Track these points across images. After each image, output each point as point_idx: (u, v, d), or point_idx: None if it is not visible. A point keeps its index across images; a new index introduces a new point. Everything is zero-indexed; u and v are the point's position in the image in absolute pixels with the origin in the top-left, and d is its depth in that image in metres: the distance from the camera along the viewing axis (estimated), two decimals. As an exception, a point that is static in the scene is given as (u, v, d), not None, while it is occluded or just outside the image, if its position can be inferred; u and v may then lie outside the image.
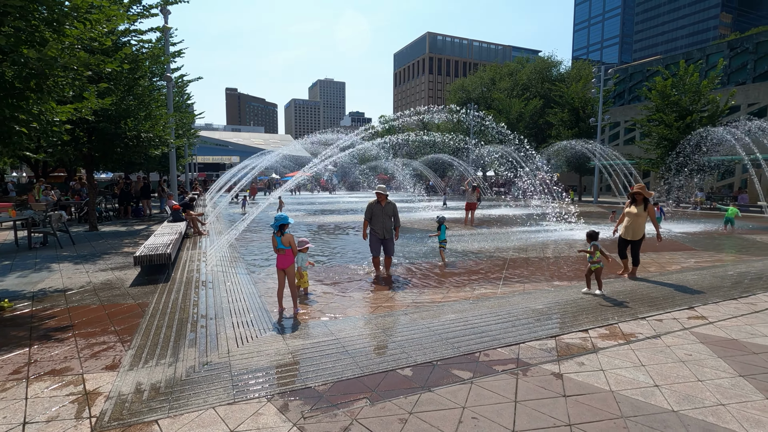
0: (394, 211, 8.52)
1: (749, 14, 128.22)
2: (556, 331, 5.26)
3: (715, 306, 6.37)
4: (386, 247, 8.59)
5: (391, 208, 8.50)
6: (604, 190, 42.36)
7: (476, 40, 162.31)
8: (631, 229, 8.08)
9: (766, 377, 4.01)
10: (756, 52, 38.57)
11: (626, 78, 49.54)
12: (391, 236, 8.54)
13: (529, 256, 10.56)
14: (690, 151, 26.00)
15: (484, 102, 53.79)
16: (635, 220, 8.06)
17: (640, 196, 8.12)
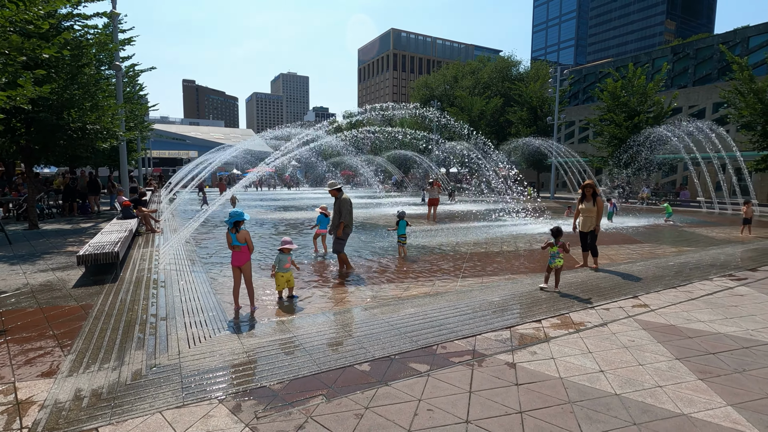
0: (340, 206, 8.18)
1: (691, 22, 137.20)
2: (511, 322, 5.42)
3: (657, 294, 6.77)
4: (333, 245, 8.45)
5: (339, 203, 8.20)
6: (560, 187, 44.13)
7: (439, 38, 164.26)
8: (587, 222, 8.61)
9: (699, 359, 4.31)
10: (696, 58, 41.32)
11: (580, 79, 51.72)
12: (334, 233, 8.30)
13: (489, 251, 10.83)
14: (637, 150, 27.54)
15: (447, 99, 54.60)
16: (588, 213, 8.61)
17: (590, 191, 8.62)
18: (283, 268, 6.24)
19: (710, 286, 7.26)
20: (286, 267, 6.26)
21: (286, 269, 6.26)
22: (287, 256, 6.29)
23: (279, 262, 6.23)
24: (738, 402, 3.43)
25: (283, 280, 6.28)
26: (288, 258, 6.29)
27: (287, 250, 6.27)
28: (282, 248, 6.28)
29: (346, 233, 8.31)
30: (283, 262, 6.23)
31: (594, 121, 33.73)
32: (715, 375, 3.94)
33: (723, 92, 26.94)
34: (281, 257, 6.24)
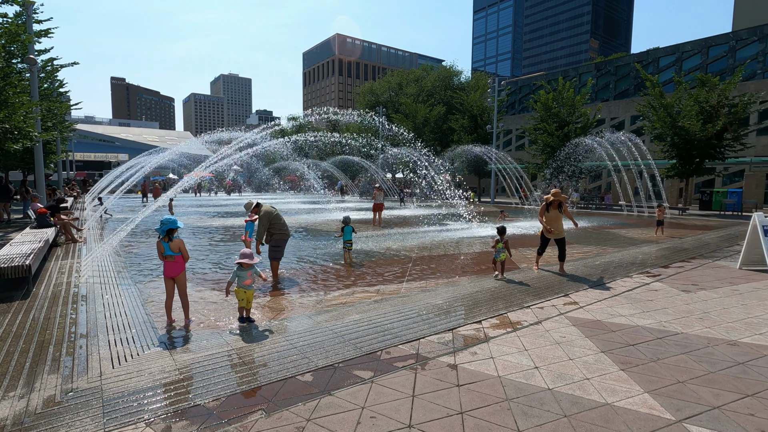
0: (259, 222, 7.93)
1: (611, 42, 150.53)
2: (454, 324, 5.55)
3: (585, 292, 7.27)
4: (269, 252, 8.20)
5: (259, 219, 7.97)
6: (500, 192, 46.29)
7: (384, 45, 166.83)
8: (557, 227, 8.83)
9: (621, 351, 4.66)
10: (616, 74, 45.33)
11: (516, 90, 54.78)
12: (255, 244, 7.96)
13: (433, 254, 11.06)
14: (567, 157, 29.62)
15: (392, 106, 55.41)
16: (556, 220, 8.81)
17: (556, 201, 8.81)
18: (243, 285, 5.42)
19: (630, 283, 7.92)
20: (246, 284, 5.43)
21: (247, 286, 5.43)
22: (247, 272, 5.44)
23: (237, 278, 5.43)
24: (653, 389, 3.75)
25: (245, 297, 5.44)
26: (248, 273, 5.45)
27: (246, 265, 5.44)
28: (239, 262, 5.43)
29: (282, 239, 8.06)
30: (242, 278, 5.42)
31: (529, 130, 35.81)
32: (634, 365, 4.28)
33: (638, 106, 29.77)
34: (239, 273, 5.44)
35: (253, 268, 5.55)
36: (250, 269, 5.48)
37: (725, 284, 7.77)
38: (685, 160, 27.02)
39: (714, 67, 37.44)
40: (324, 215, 22.26)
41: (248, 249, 5.62)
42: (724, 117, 25.18)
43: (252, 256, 5.53)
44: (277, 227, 8.05)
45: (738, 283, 7.83)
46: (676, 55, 40.31)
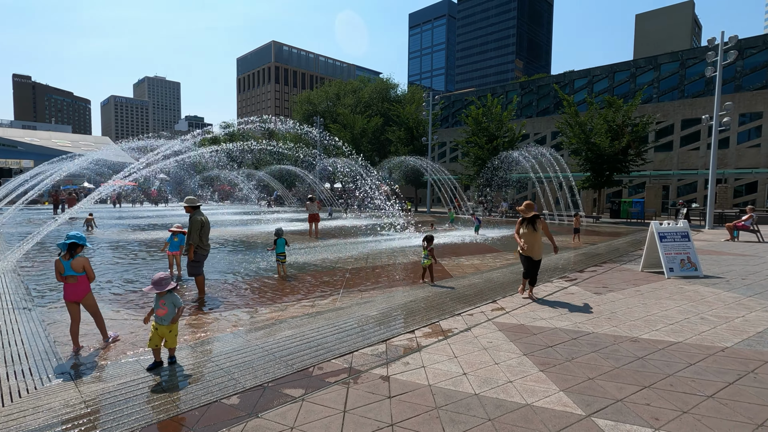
0: (191, 226, 7.47)
1: (534, 62, 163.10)
2: (387, 336, 5.60)
3: (511, 297, 7.70)
4: (187, 268, 7.66)
5: (190, 222, 7.50)
6: (435, 202, 47.82)
7: (322, 55, 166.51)
8: (533, 248, 7.53)
9: (541, 353, 4.99)
10: (538, 93, 49.10)
11: (449, 104, 57.26)
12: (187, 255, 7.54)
13: (369, 265, 11.12)
14: (496, 169, 31.42)
15: (330, 116, 55.31)
16: (532, 238, 7.52)
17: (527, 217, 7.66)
18: (158, 317, 4.43)
19: (551, 288, 8.53)
20: (160, 314, 4.42)
21: (161, 319, 4.42)
22: (160, 300, 4.45)
23: (172, 306, 4.52)
24: (567, 387, 4.05)
25: (157, 334, 4.42)
26: (161, 302, 4.43)
27: (163, 293, 4.42)
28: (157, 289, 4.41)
29: (201, 254, 7.58)
30: (173, 307, 4.49)
31: (461, 143, 37.53)
32: (552, 365, 4.59)
33: (558, 123, 32.45)
34: (174, 299, 4.53)
35: (170, 296, 4.49)
36: (167, 296, 4.47)
37: (630, 286, 8.63)
38: (597, 173, 29.84)
39: (619, 90, 41.99)
40: (257, 227, 21.52)
41: (164, 273, 4.55)
42: (628, 135, 28.23)
43: (168, 281, 4.48)
44: (204, 239, 7.64)
45: (640, 285, 8.73)
46: (587, 78, 44.63)
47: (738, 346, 5.06)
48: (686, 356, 4.78)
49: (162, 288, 4.41)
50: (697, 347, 5.07)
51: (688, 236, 9.87)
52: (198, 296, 7.63)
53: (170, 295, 4.50)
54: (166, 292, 4.46)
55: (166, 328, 4.46)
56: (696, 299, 7.41)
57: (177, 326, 4.58)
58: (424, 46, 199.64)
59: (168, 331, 4.47)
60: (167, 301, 4.48)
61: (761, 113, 33.87)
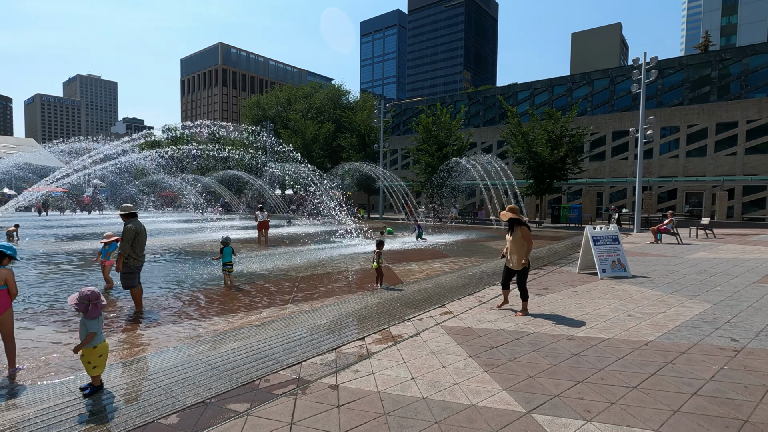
0: (123, 234, 7.03)
1: (481, 74, 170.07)
2: (338, 344, 5.56)
3: (459, 301, 7.93)
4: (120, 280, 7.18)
5: (123, 231, 7.06)
6: (388, 208, 48.27)
7: (272, 59, 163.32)
8: (513, 257, 7.11)
9: (486, 354, 5.17)
10: (484, 104, 51.22)
11: (401, 112, 58.24)
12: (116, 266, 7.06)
13: (320, 272, 11.00)
14: (446, 176, 32.32)
15: (280, 121, 54.32)
16: (513, 247, 7.10)
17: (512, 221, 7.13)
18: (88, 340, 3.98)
19: (496, 291, 8.86)
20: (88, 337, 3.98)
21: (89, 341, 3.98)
22: (94, 321, 4.03)
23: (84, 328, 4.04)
24: (509, 386, 4.23)
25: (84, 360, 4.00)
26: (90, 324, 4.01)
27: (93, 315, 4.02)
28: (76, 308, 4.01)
29: (134, 265, 7.12)
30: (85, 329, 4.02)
31: (412, 151, 38.24)
32: (496, 366, 4.78)
33: (502, 133, 33.98)
34: (85, 322, 4.04)
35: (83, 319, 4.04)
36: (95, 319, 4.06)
37: (567, 287, 9.18)
38: (539, 180, 31.56)
39: (558, 102, 44.81)
40: (203, 235, 20.61)
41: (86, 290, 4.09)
42: (566, 145, 30.14)
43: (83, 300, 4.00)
44: (138, 250, 7.20)
45: (577, 285, 9.32)
46: (529, 90, 47.23)
47: (659, 340, 5.54)
48: (615, 351, 5.16)
49: (78, 308, 4.02)
50: (624, 342, 5.49)
51: (618, 239, 10.68)
52: (135, 310, 7.18)
53: (83, 318, 4.06)
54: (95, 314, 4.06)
55: (92, 352, 4.01)
56: (625, 298, 8.02)
57: (94, 354, 4.00)
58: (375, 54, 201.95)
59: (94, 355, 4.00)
60: (81, 323, 4.07)
61: (678, 127, 37.49)
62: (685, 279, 9.74)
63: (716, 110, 35.97)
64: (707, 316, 6.66)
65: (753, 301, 7.59)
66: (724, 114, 35.61)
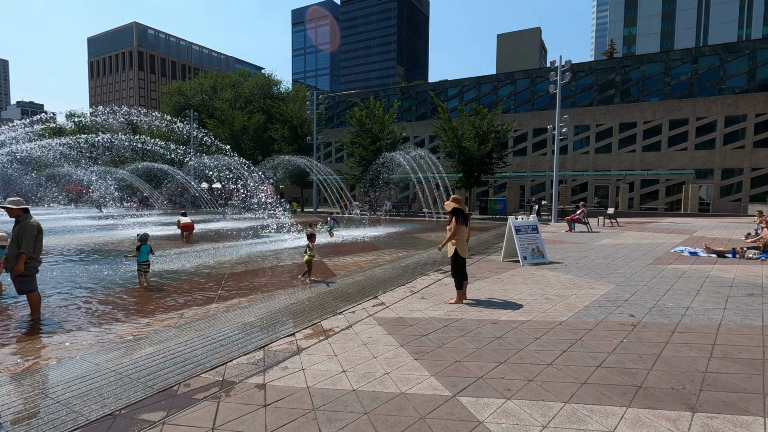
0: (25, 231, 6.16)
1: (414, 70, 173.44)
2: (266, 341, 5.36)
3: (392, 292, 8.02)
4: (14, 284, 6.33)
5: (19, 228, 6.20)
6: (322, 201, 47.64)
7: (196, 44, 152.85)
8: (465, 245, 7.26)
9: (416, 342, 5.28)
10: (417, 99, 52.30)
11: (334, 105, 57.58)
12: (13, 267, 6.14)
13: (250, 269, 10.56)
14: (380, 169, 32.59)
15: (206, 110, 51.16)
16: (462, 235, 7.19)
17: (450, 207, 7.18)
18: None
19: (427, 280, 9.12)
20: None
21: None
22: None
23: None
24: (437, 371, 4.36)
25: None
26: None
27: None
28: None
29: (33, 267, 6.31)
30: None
31: (346, 144, 38.02)
32: (425, 353, 4.90)
33: (434, 128, 34.97)
34: None
35: None
36: None
37: (493, 274, 9.70)
38: (468, 174, 32.98)
39: (485, 100, 47.07)
40: (118, 232, 18.85)
41: None
42: (492, 140, 31.77)
43: None
44: (39, 249, 6.37)
45: (501, 273, 9.87)
46: (459, 87, 49.06)
47: (570, 319, 6.04)
48: (533, 332, 5.54)
49: None
50: (541, 323, 5.91)
51: (537, 229, 11.48)
52: (31, 317, 6.35)
53: None
54: None
55: None
56: (543, 282, 8.64)
57: None
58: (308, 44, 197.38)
59: None
60: None
61: (589, 126, 41.21)
62: (593, 263, 10.74)
63: (619, 111, 40.04)
64: (611, 295, 7.40)
65: (647, 280, 8.57)
66: (626, 115, 39.76)
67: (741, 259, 10.89)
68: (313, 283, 8.76)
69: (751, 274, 8.95)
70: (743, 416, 3.34)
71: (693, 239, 15.40)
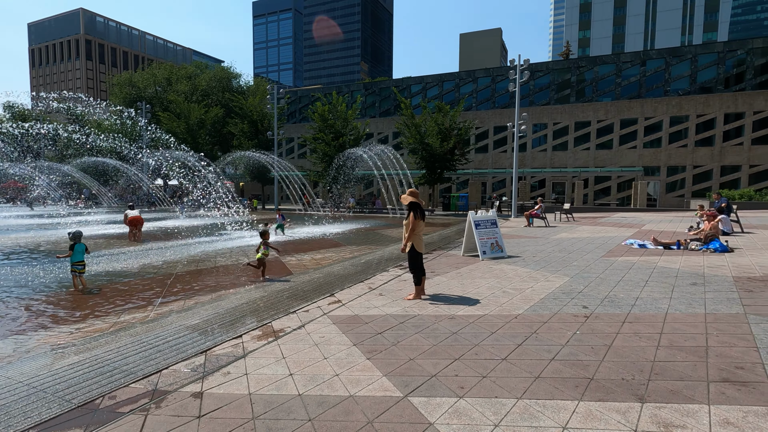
0: None
1: (378, 66, 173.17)
2: (210, 344, 4.98)
3: (349, 289, 7.78)
4: None
5: None
6: (285, 198, 46.59)
7: (150, 34, 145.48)
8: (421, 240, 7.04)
9: (370, 341, 5.07)
10: (380, 95, 52.12)
11: (296, 100, 56.42)
12: None
13: (201, 268, 10.00)
14: (342, 165, 32.17)
15: (159, 103, 48.70)
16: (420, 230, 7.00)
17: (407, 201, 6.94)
18: None
19: (387, 276, 8.93)
20: None
21: None
22: None
23: None
24: (390, 371, 4.16)
25: None
26: None
27: None
28: None
29: None
30: None
31: (308, 139, 37.28)
32: (379, 352, 4.70)
33: (397, 124, 34.90)
34: None
35: None
36: None
37: (452, 269, 9.65)
38: (431, 170, 33.18)
39: (447, 97, 47.55)
40: (56, 231, 17.49)
41: None
42: (454, 137, 32.09)
43: None
44: None
45: (461, 267, 9.85)
46: (422, 84, 49.29)
47: (526, 312, 6.03)
48: (489, 326, 5.46)
49: None
50: (498, 317, 5.86)
51: (496, 224, 11.57)
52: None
53: None
54: None
55: None
56: (501, 276, 8.67)
57: None
58: (270, 38, 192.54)
59: None
60: None
61: (546, 124, 42.53)
62: (550, 257, 10.94)
63: (575, 110, 41.57)
64: (565, 288, 7.49)
65: (600, 272, 8.78)
66: (581, 114, 41.34)
67: (685, 251, 11.44)
68: (267, 282, 8.38)
69: (694, 265, 9.38)
70: (689, 405, 3.35)
71: (642, 232, 16.11)
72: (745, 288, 7.08)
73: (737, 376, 3.82)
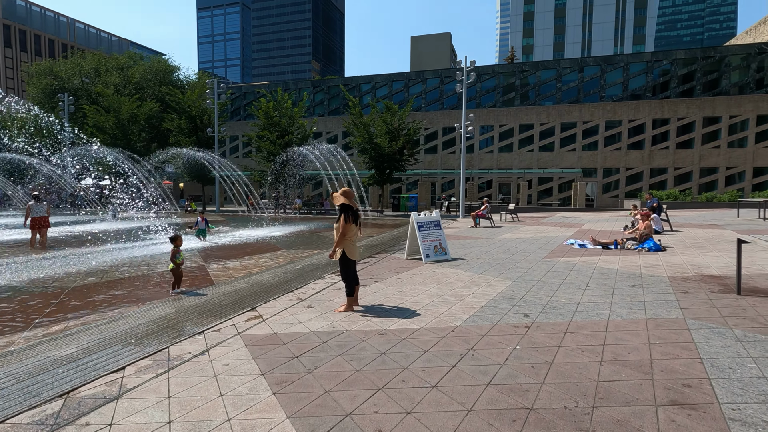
0: None
1: (330, 66, 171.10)
2: (77, 383, 3.96)
3: (275, 301, 6.91)
4: None
5: None
6: (228, 200, 44.25)
7: (81, 22, 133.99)
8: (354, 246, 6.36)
9: (283, 368, 4.28)
10: (329, 93, 51.04)
11: (241, 96, 53.96)
12: None
13: (104, 280, 8.68)
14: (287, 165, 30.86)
15: (86, 95, 44.56)
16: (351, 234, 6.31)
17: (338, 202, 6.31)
18: None
19: (321, 285, 8.14)
20: None
21: None
22: None
23: None
24: (297, 410, 3.40)
25: None
26: None
27: None
28: None
29: None
30: None
31: (252, 137, 35.51)
32: (289, 383, 3.92)
33: (345, 123, 34.07)
34: None
35: None
36: None
37: (393, 274, 9.04)
38: (380, 170, 32.68)
39: (397, 97, 47.39)
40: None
41: None
42: (402, 137, 31.79)
43: None
44: None
45: (402, 272, 9.26)
46: (372, 83, 48.80)
47: (465, 324, 5.50)
48: (423, 343, 4.85)
49: None
50: (434, 331, 5.27)
51: (439, 225, 11.12)
52: None
53: None
54: None
55: None
56: (443, 281, 8.16)
57: None
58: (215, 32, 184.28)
59: None
60: None
61: (492, 126, 43.51)
62: (493, 259, 10.65)
63: (519, 113, 42.84)
64: (507, 293, 7.09)
65: (542, 274, 8.53)
66: (525, 117, 42.67)
67: (622, 250, 11.61)
68: (179, 296, 7.30)
69: (631, 264, 9.41)
70: (638, 438, 2.89)
71: (581, 232, 16.45)
72: (680, 289, 7.03)
73: (685, 396, 3.44)
